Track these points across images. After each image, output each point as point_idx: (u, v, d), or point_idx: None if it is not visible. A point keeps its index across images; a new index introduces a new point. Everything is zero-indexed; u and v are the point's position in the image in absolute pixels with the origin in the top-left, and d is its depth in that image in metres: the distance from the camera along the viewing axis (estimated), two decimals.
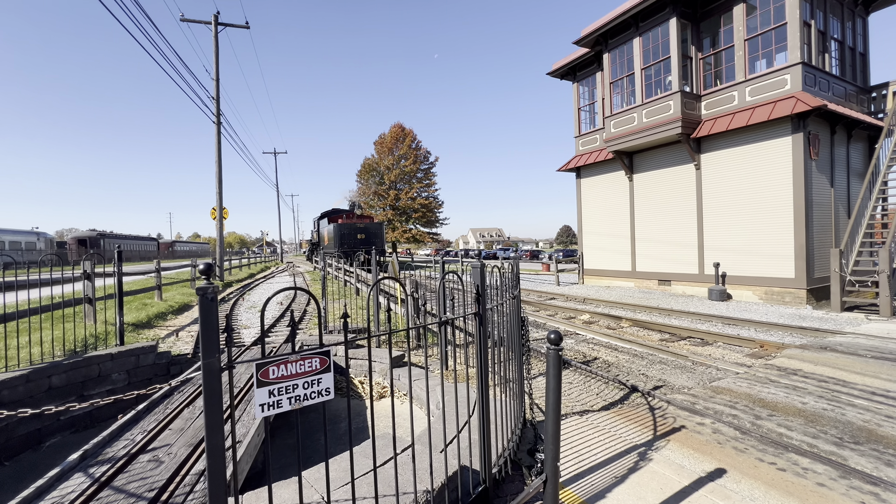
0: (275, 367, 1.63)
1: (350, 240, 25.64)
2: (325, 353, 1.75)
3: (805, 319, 9.36)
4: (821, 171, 11.61)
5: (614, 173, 16.54)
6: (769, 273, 11.84)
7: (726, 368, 6.18)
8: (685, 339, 8.18)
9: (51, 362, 5.20)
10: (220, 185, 18.80)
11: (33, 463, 4.72)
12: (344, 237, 25.73)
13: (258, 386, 1.60)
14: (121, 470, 2.96)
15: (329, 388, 1.77)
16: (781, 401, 4.60)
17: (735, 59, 12.33)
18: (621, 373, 6.24)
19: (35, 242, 35.29)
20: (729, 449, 3.56)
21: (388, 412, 5.49)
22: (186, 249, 74.01)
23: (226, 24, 19.16)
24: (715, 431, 3.90)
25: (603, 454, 3.52)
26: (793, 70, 11.06)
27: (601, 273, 17.46)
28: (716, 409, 4.47)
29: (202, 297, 1.48)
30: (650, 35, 13.55)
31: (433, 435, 3.23)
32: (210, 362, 1.49)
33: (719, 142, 12.88)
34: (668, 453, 3.49)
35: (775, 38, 11.53)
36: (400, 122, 54.17)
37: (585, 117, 18.00)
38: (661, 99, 13.23)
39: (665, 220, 14.66)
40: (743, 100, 12.14)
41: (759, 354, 6.92)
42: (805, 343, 7.14)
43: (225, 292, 16.34)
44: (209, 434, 1.50)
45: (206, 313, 1.49)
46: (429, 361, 6.61)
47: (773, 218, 11.69)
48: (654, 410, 4.47)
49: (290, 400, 1.67)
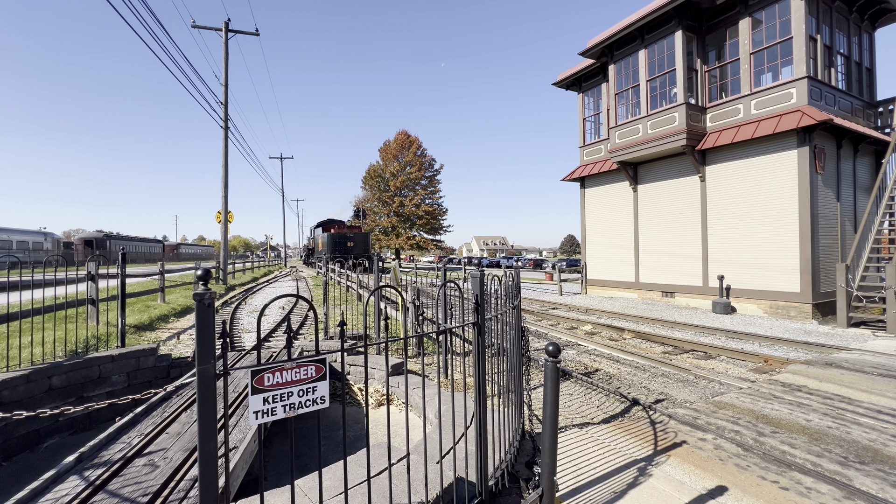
0: (270, 374, 1.63)
1: (340, 247, 29.30)
2: (320, 361, 1.75)
3: (810, 334, 9.25)
4: (827, 186, 11.55)
5: (619, 184, 16.53)
6: (774, 287, 11.74)
7: (729, 383, 6.10)
8: (688, 353, 8.10)
9: (52, 363, 5.22)
10: (226, 189, 18.94)
11: (31, 463, 4.72)
12: (335, 244, 29.44)
13: (253, 393, 1.59)
14: (116, 474, 2.95)
15: (324, 397, 1.76)
16: (785, 417, 4.53)
17: (740, 73, 12.35)
18: (623, 385, 6.18)
19: (42, 242, 35.62)
20: (731, 466, 3.50)
21: (385, 420, 5.46)
22: (191, 252, 74.47)
23: (236, 31, 19.44)
24: (717, 447, 3.84)
25: (602, 468, 3.47)
26: (798, 84, 11.06)
27: (604, 283, 17.38)
28: (718, 424, 4.41)
29: (199, 302, 1.49)
30: (656, 47, 13.61)
31: (430, 445, 3.20)
32: (205, 368, 1.49)
33: (724, 154, 12.86)
34: (668, 469, 3.44)
35: (781, 52, 11.56)
36: (405, 130, 54.45)
37: (590, 128, 18.05)
38: (666, 110, 13.25)
39: (669, 231, 14.61)
40: (748, 113, 12.13)
41: (763, 369, 6.84)
42: (810, 359, 7.05)
43: (228, 296, 16.39)
44: (202, 442, 1.49)
45: (203, 319, 1.49)
46: (428, 370, 6.57)
47: (778, 231, 11.62)
48: (656, 424, 4.42)
49: (284, 408, 1.66)
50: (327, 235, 30.75)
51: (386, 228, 54.99)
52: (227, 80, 19.17)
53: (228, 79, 19.18)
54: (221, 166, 18.85)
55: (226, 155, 18.89)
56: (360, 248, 29.93)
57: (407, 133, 54.20)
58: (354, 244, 29.93)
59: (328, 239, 30.28)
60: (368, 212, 53.23)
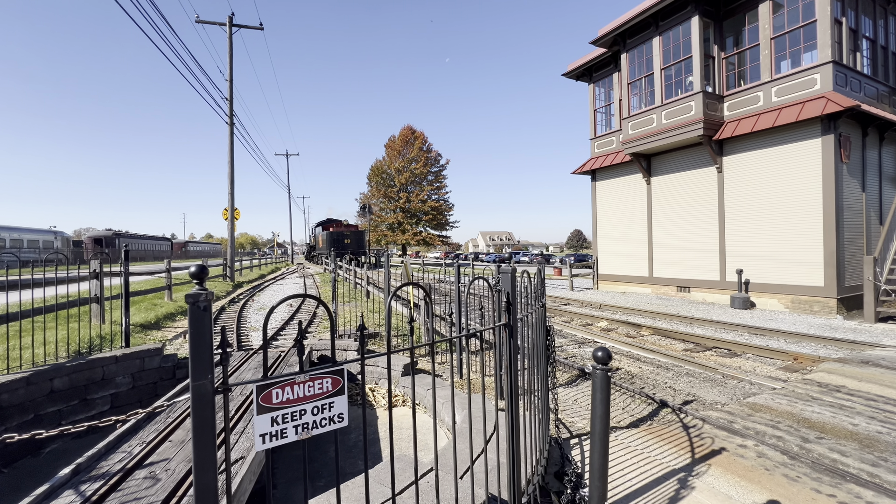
0: (280, 389, 1.37)
1: (338, 244, 32.71)
2: (337, 373, 1.48)
3: (837, 330, 8.87)
4: (852, 175, 11.09)
5: (631, 176, 16.12)
6: (796, 281, 11.33)
7: (760, 383, 5.78)
8: (711, 350, 7.77)
9: (53, 364, 5.03)
10: (232, 186, 18.78)
11: (32, 469, 4.54)
12: (334, 241, 33.07)
13: (258, 412, 1.33)
14: (114, 488, 2.73)
15: (343, 414, 1.50)
16: (829, 421, 4.22)
17: (760, 59, 11.88)
18: (646, 385, 5.88)
19: (52, 241, 35.84)
20: (779, 477, 3.21)
21: (397, 423, 5.22)
22: (199, 250, 74.86)
23: (240, 25, 19.21)
24: (760, 455, 3.55)
25: (638, 480, 3.19)
26: (823, 69, 10.60)
27: (616, 278, 17.01)
28: (757, 429, 4.11)
29: (193, 305, 1.22)
30: (671, 34, 13.16)
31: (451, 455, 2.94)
32: (201, 385, 1.23)
33: (743, 144, 12.42)
34: (711, 480, 3.16)
35: (804, 36, 11.08)
36: (410, 125, 54.11)
37: (601, 119, 17.63)
38: (682, 100, 12.82)
39: (684, 224, 14.20)
40: (769, 100, 11.68)
41: (793, 368, 6.50)
42: (843, 356, 6.69)
43: (236, 293, 16.26)
44: (199, 472, 1.23)
45: (198, 325, 1.23)
46: (442, 370, 6.32)
47: (800, 223, 11.20)
48: (689, 429, 4.13)
49: (296, 428, 1.40)
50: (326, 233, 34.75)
51: (392, 224, 54.80)
52: (232, 76, 18.97)
53: (233, 74, 18.98)
54: (227, 163, 18.70)
55: (231, 152, 18.71)
56: (355, 244, 33.83)
57: (412, 128, 53.85)
58: (350, 241, 33.62)
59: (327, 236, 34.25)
60: (374, 208, 53.15)
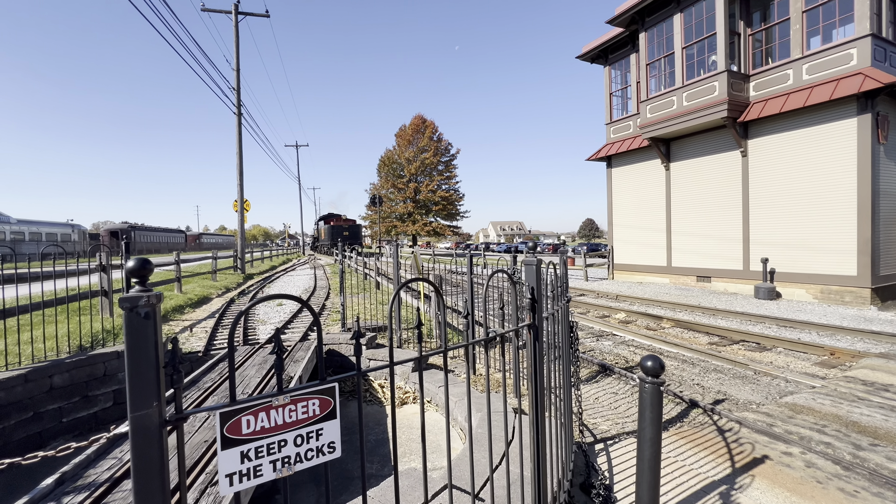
0: (251, 416, 1.07)
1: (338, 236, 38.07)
2: (327, 392, 1.18)
3: (873, 322, 8.36)
4: (889, 158, 10.40)
5: (649, 162, 15.51)
6: (826, 270, 10.75)
7: (796, 380, 5.38)
8: (738, 343, 7.35)
9: (53, 360, 4.87)
10: (241, 177, 18.64)
11: (30, 469, 4.39)
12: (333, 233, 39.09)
13: (223, 447, 1.04)
14: (99, 501, 2.51)
15: (334, 443, 1.20)
16: (881, 425, 3.83)
17: (790, 34, 11.16)
18: (672, 382, 5.53)
19: (70, 234, 36.37)
20: (834, 491, 2.86)
21: (410, 422, 4.96)
22: (213, 242, 75.68)
23: (246, 13, 18.87)
24: (809, 465, 3.19)
25: (674, 492, 2.88)
26: (860, 43, 9.88)
27: (633, 268, 16.51)
28: (801, 433, 3.74)
29: (130, 312, 0.92)
30: (693, 10, 12.46)
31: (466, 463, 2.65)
32: (143, 416, 0.93)
33: (770, 126, 11.76)
34: (757, 494, 2.82)
35: (840, 7, 10.34)
36: (420, 114, 53.45)
37: (618, 103, 16.96)
38: (704, 80, 12.17)
39: (705, 211, 13.62)
40: (799, 79, 10.99)
41: (830, 363, 6.07)
42: (885, 351, 6.24)
43: (246, 284, 16.20)
44: None
45: (137, 337, 0.93)
46: (454, 364, 6.04)
47: (831, 209, 10.58)
48: (724, 433, 3.78)
49: (274, 464, 1.11)
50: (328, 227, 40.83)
51: (402, 215, 54.52)
52: (239, 65, 18.70)
53: (241, 65, 18.72)
54: (236, 154, 18.53)
55: (240, 142, 18.53)
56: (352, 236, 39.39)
57: (423, 117, 53.24)
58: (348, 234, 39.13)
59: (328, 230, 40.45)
60: (384, 198, 52.95)
